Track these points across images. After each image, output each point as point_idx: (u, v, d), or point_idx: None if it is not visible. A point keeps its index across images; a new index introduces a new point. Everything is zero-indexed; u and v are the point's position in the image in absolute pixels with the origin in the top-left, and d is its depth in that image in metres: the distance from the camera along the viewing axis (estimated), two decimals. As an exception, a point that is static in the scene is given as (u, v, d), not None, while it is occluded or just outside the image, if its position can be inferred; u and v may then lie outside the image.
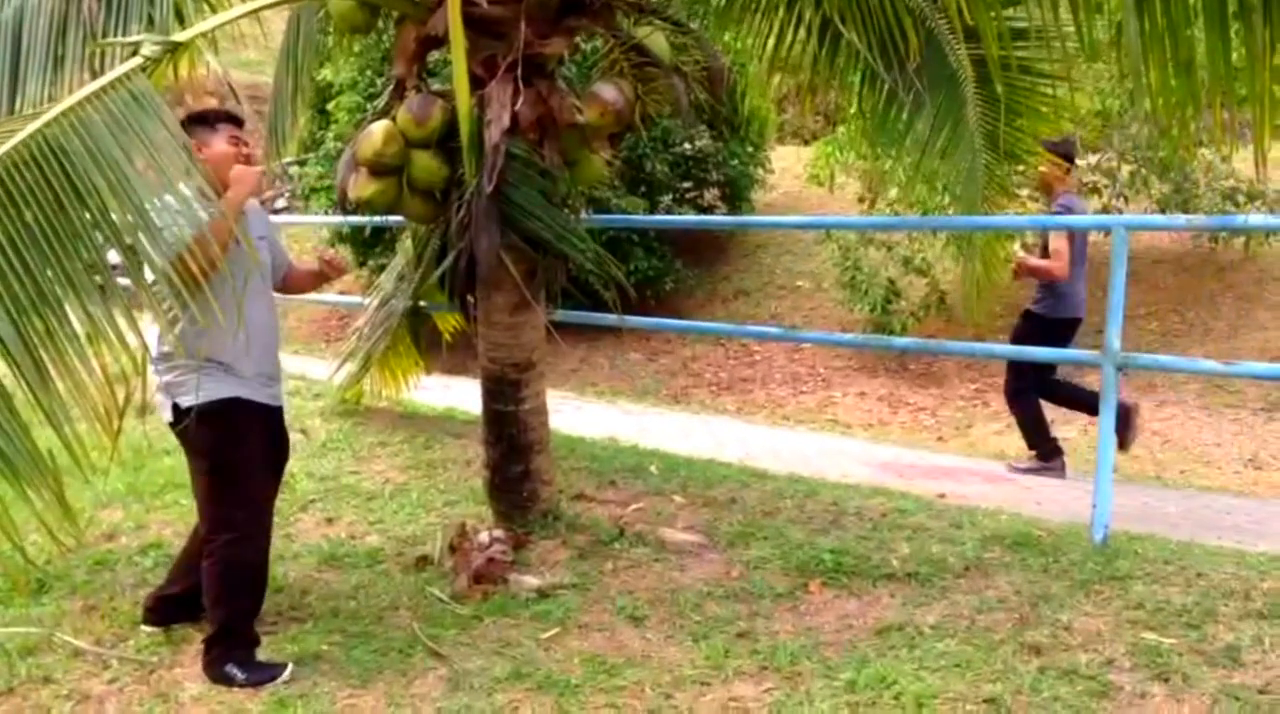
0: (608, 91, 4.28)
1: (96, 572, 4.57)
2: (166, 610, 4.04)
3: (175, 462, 5.96)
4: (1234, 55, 2.85)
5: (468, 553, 4.44)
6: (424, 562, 4.56)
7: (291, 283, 4.24)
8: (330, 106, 12.58)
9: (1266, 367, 5.81)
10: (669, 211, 12.25)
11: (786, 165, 14.78)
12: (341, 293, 11.37)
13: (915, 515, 4.78)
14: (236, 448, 3.70)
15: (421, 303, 6.39)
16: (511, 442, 4.64)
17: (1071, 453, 8.59)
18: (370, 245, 11.96)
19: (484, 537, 4.52)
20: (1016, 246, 7.50)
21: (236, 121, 3.79)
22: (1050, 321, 6.75)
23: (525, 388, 4.59)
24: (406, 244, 5.97)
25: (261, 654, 3.74)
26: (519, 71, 4.25)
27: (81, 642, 3.91)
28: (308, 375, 7.76)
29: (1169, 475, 7.95)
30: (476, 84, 4.29)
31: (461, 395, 7.93)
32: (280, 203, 17.85)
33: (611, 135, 4.70)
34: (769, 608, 4.05)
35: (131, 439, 6.26)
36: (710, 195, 13.59)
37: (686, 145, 12.90)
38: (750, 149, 13.69)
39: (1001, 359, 9.33)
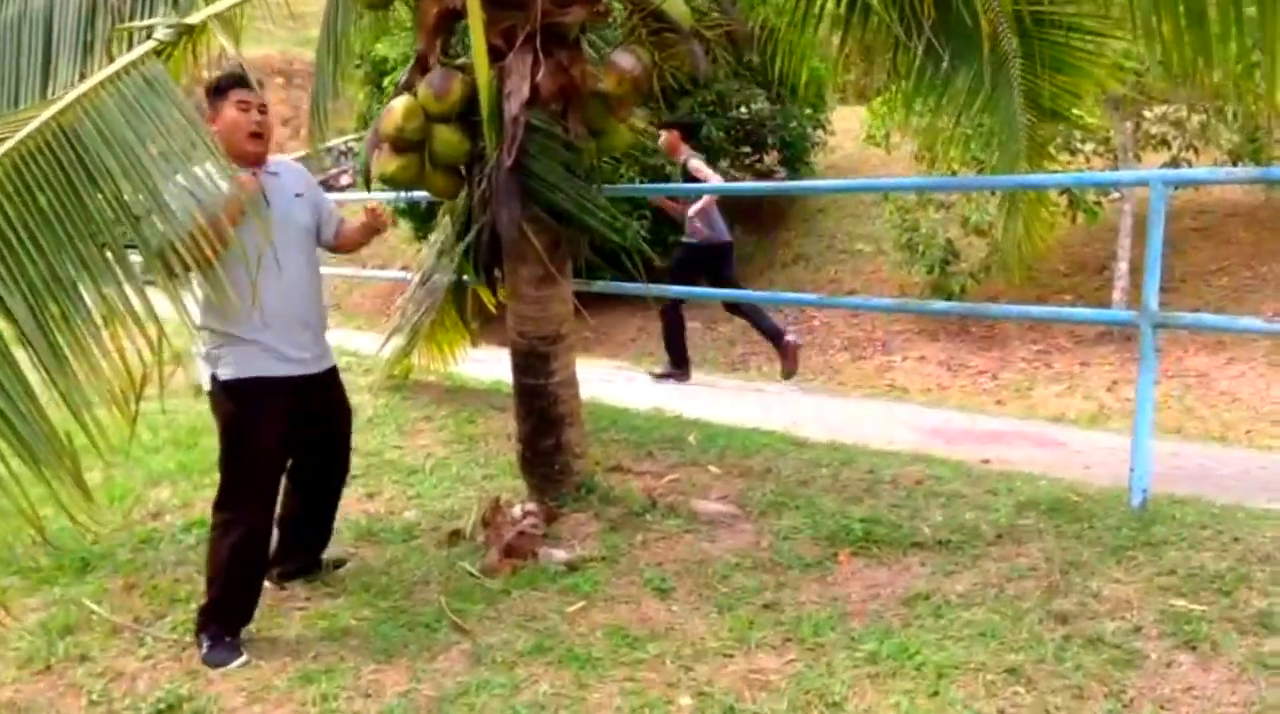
0: (625, 59, 4.23)
1: (140, 550, 4.67)
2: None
3: (212, 444, 6.09)
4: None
5: (499, 527, 4.46)
6: (457, 536, 4.59)
7: (343, 240, 4.19)
8: (386, 82, 12.65)
9: None
10: (727, 176, 12.15)
11: (848, 126, 14.56)
12: (404, 268, 11.48)
13: (951, 482, 4.70)
14: (248, 430, 3.75)
15: (464, 277, 6.42)
16: (542, 415, 4.64)
17: (1131, 414, 8.42)
18: (427, 218, 12.02)
19: (516, 511, 4.54)
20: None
21: (246, 85, 3.77)
22: (701, 247, 8.41)
23: (554, 361, 4.58)
24: (446, 220, 5.99)
25: (286, 629, 3.84)
26: (538, 42, 4.22)
27: (120, 618, 4.00)
28: (360, 351, 7.84)
29: (1233, 435, 7.74)
30: (497, 56, 4.26)
31: (506, 368, 7.98)
32: (345, 179, 18.04)
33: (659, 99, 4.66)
34: (797, 578, 4.02)
35: (187, 417, 6.43)
36: (770, 159, 13.47)
37: (743, 109, 12.79)
38: (809, 111, 13.52)
39: (1039, 321, 9.23)
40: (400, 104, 4.25)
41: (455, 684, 3.44)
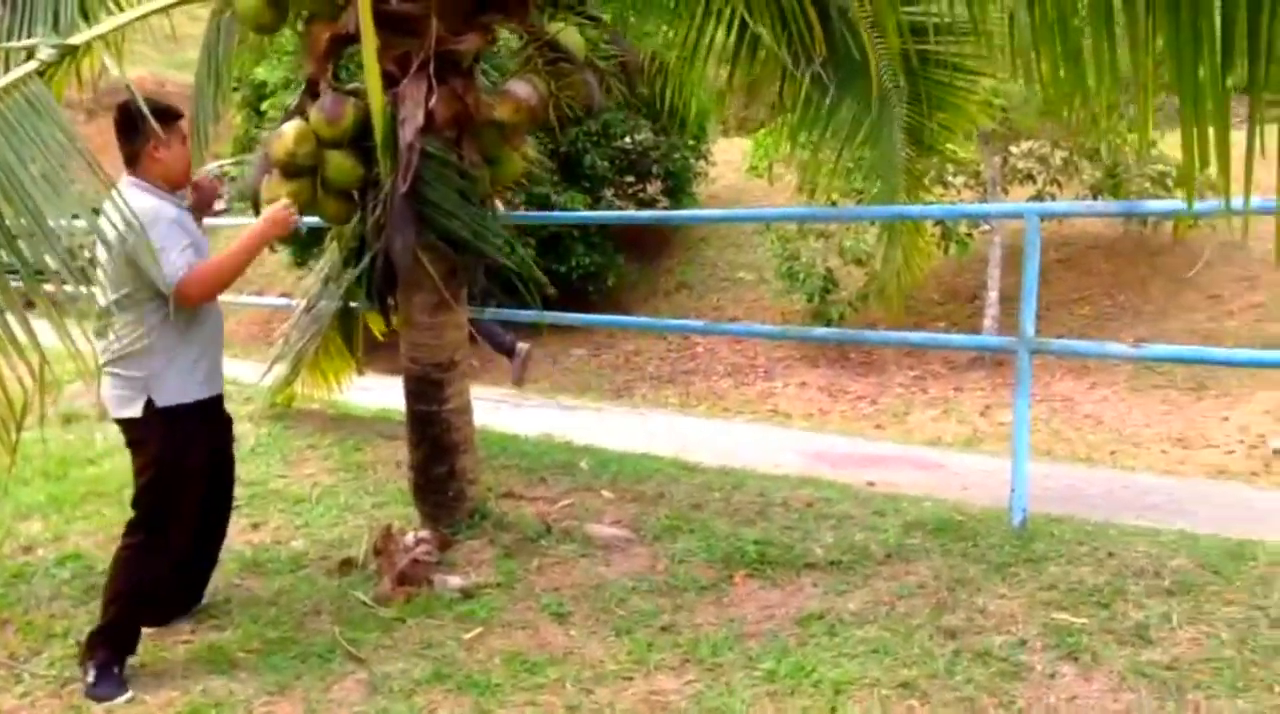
0: (520, 88, 4.26)
1: (12, 585, 4.49)
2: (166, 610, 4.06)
3: (99, 471, 5.91)
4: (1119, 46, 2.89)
5: (392, 555, 4.41)
6: (348, 565, 4.53)
7: None
8: (265, 106, 12.46)
9: (1173, 349, 5.91)
10: (610, 206, 12.26)
11: (729, 158, 14.83)
12: (283, 295, 11.28)
13: (840, 504, 4.82)
14: (184, 455, 3.71)
15: (352, 303, 6.35)
16: (436, 442, 4.61)
17: (1005, 438, 8.72)
18: (308, 246, 11.86)
19: (409, 538, 4.50)
20: None
21: (181, 116, 3.82)
22: None
23: (448, 387, 4.56)
24: (334, 245, 5.92)
25: (172, 662, 3.76)
26: (432, 69, 4.22)
27: (-6, 656, 3.85)
28: (239, 379, 7.66)
29: (1098, 456, 8.07)
30: (390, 82, 4.25)
31: (394, 396, 7.89)
32: (219, 205, 17.66)
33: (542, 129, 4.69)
34: (693, 600, 4.06)
35: (56, 446, 6.22)
36: (652, 189, 13.62)
37: (627, 139, 12.92)
38: (692, 142, 13.73)
39: (919, 347, 9.47)
40: (291, 129, 4.20)
41: (352, 714, 3.40)
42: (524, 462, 5.64)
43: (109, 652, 3.65)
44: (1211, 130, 2.75)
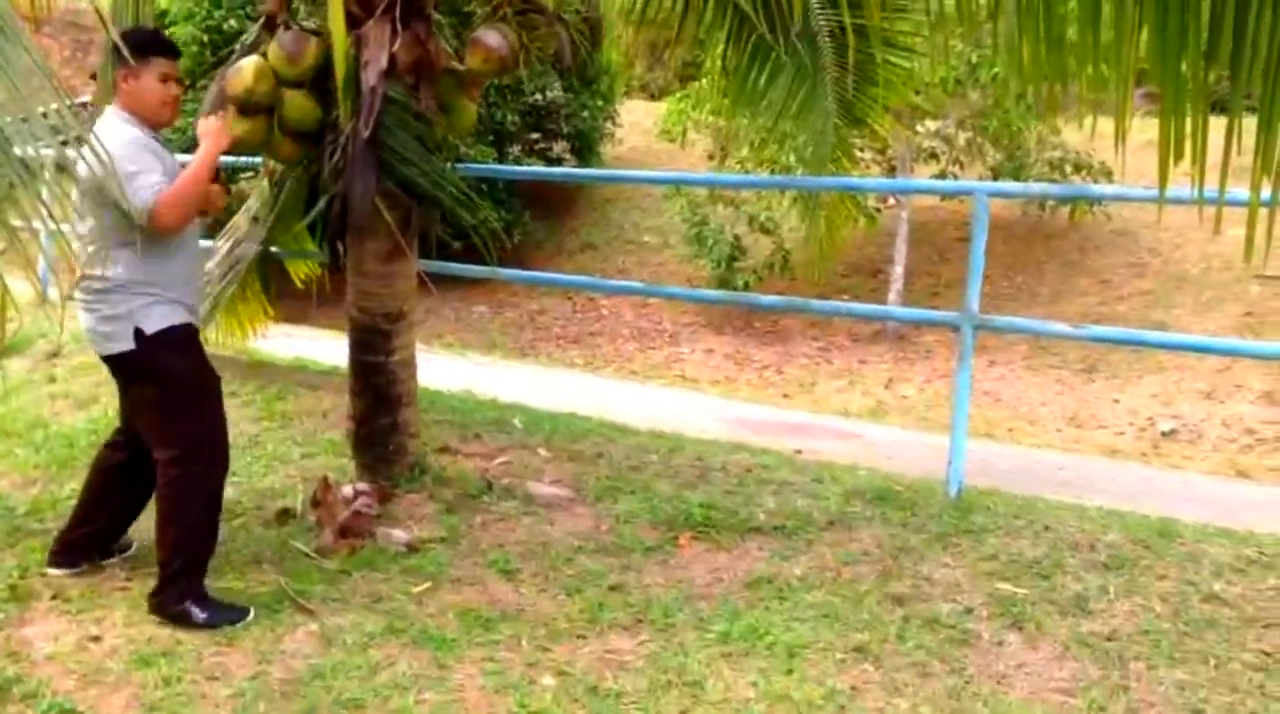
0: (491, 37, 4.19)
1: (-72, 524, 4.30)
2: (76, 552, 3.93)
3: (5, 409, 5.68)
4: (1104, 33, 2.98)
5: (332, 506, 4.34)
6: (286, 516, 4.44)
7: None
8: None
9: (1112, 330, 6.12)
10: (517, 162, 12.14)
11: (635, 119, 14.82)
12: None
13: (778, 471, 4.89)
14: (201, 372, 3.68)
15: (272, 248, 6.18)
16: (379, 393, 4.54)
17: (908, 411, 8.97)
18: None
19: (348, 490, 4.43)
20: None
21: (172, 53, 3.66)
22: None
23: (396, 338, 4.50)
24: (263, 184, 5.74)
25: (111, 610, 3.66)
26: (397, 12, 4.13)
27: (-82, 601, 3.69)
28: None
29: (997, 433, 8.34)
30: (352, 23, 4.13)
31: (306, 345, 7.73)
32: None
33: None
34: (640, 561, 4.09)
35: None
36: (559, 147, 13.53)
37: (537, 96, 12.80)
38: (600, 102, 13.67)
39: (860, 318, 9.58)
40: (250, 65, 4.06)
41: (307, 666, 3.35)
42: (455, 417, 5.59)
43: (197, 585, 3.64)
44: (1189, 122, 2.85)
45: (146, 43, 3.60)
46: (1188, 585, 3.69)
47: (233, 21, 11.67)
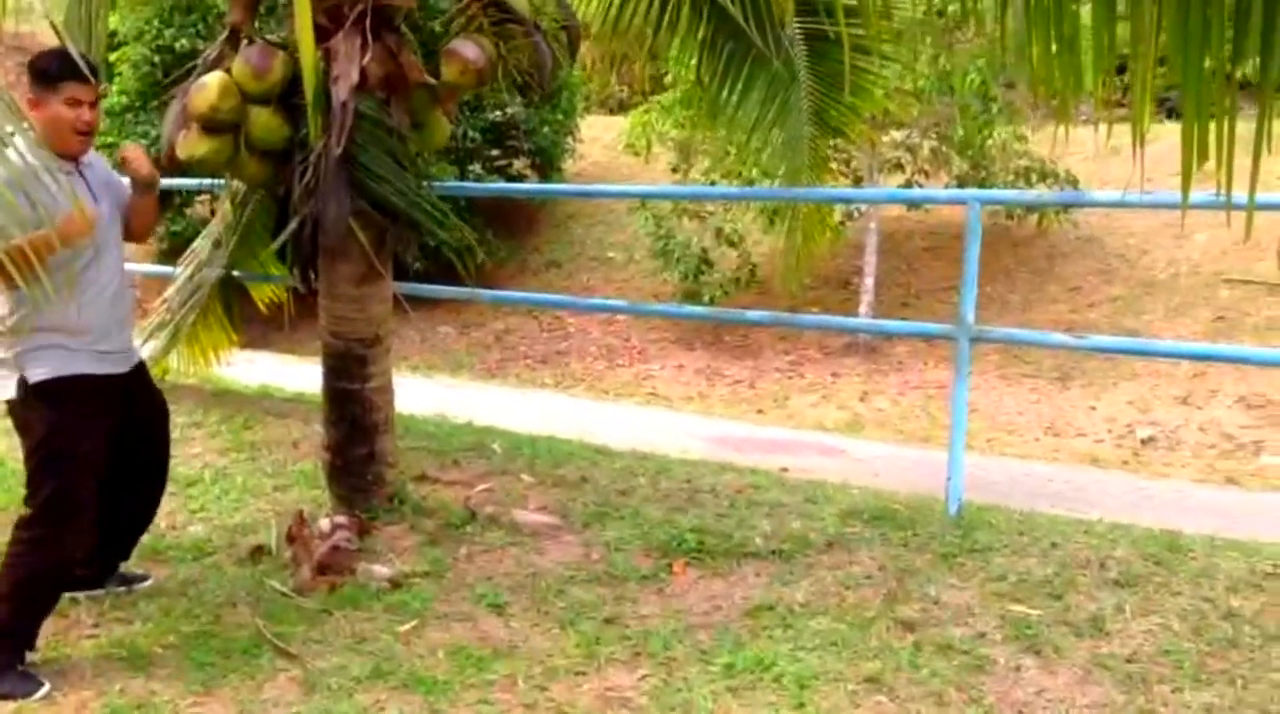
0: (468, 49, 4.02)
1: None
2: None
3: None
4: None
5: (308, 541, 4.14)
6: (259, 552, 4.23)
7: (135, 221, 3.71)
8: (114, 58, 11.72)
9: (1114, 340, 6.05)
10: (479, 180, 11.96)
11: (596, 134, 14.68)
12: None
13: (769, 491, 4.75)
14: (69, 436, 3.34)
15: (235, 272, 5.98)
16: (355, 421, 4.35)
17: (885, 424, 8.87)
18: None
19: (325, 524, 4.24)
20: None
21: (84, 77, 3.28)
22: None
23: (372, 364, 4.31)
24: (225, 207, 5.55)
25: (78, 659, 3.44)
26: (368, 23, 3.96)
27: None
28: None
29: (977, 444, 8.23)
30: (321, 36, 3.95)
31: (270, 372, 7.52)
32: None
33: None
34: (634, 591, 3.93)
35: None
36: (520, 164, 13.36)
37: (498, 112, 12.63)
38: (561, 117, 13.51)
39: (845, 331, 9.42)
40: (215, 80, 3.87)
41: (292, 715, 3.15)
42: (431, 443, 5.40)
43: (7, 654, 3.31)
44: (1213, 125, 2.73)
45: (51, 68, 3.28)
46: (1205, 602, 3.57)
47: (184, 40, 11.43)
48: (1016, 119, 11.00)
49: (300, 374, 7.35)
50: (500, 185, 11.08)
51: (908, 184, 11.38)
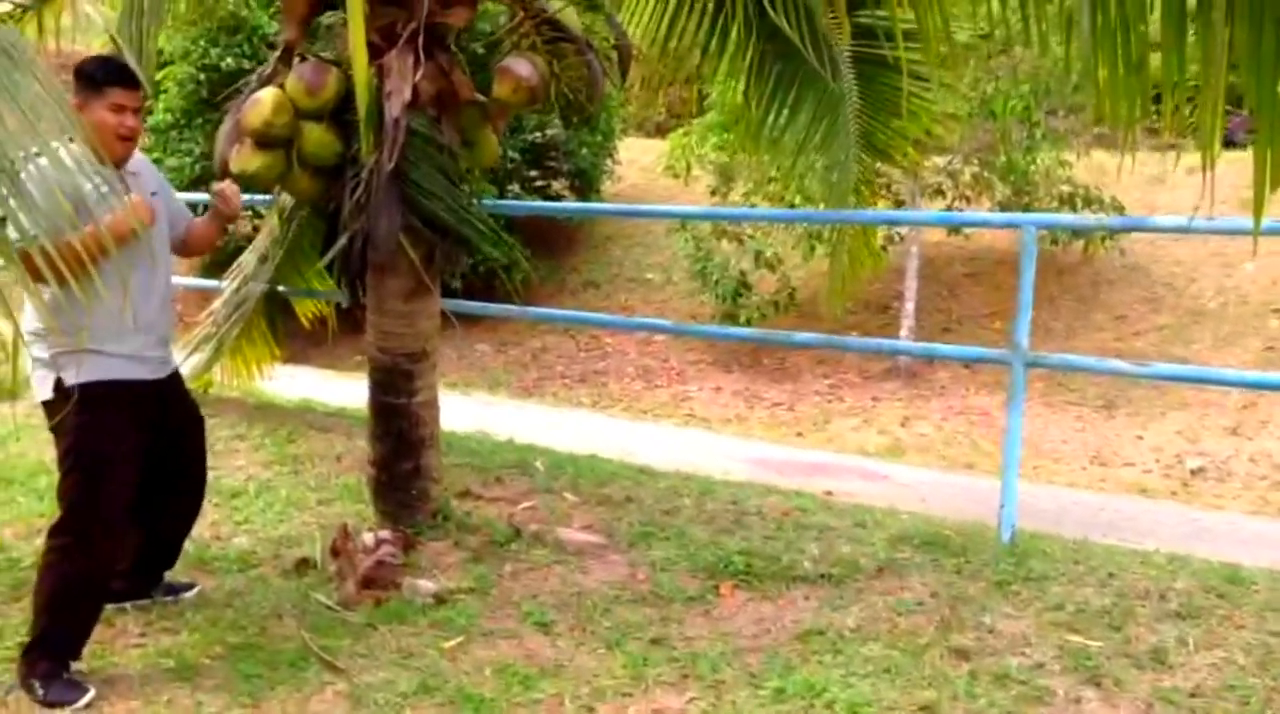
0: (521, 67, 4.02)
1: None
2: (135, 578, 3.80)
3: (4, 455, 5.47)
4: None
5: (353, 555, 4.13)
6: (304, 565, 4.23)
7: (194, 238, 3.79)
8: (160, 76, 11.85)
9: (1175, 367, 5.93)
10: (517, 199, 12.00)
11: (634, 157, 14.71)
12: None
13: (816, 515, 4.70)
14: (103, 441, 3.33)
15: (280, 287, 6.01)
16: (401, 436, 4.34)
17: (927, 449, 8.78)
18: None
19: (369, 538, 4.22)
20: None
21: (130, 83, 3.32)
22: None
23: (419, 379, 4.30)
24: (272, 222, 5.58)
25: (125, 668, 3.43)
26: (420, 41, 3.97)
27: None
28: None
29: (1022, 471, 8.11)
30: (374, 53, 3.97)
31: (311, 386, 7.55)
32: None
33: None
34: (681, 612, 3.88)
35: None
36: (558, 185, 13.40)
37: (537, 133, 12.68)
38: (600, 139, 13.55)
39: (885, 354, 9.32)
40: (269, 96, 3.89)
41: (338, 730, 3.13)
42: (474, 460, 5.39)
43: (50, 663, 3.30)
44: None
45: (98, 72, 3.31)
46: (1271, 637, 3.48)
47: (229, 60, 11.54)
48: (1060, 144, 10.92)
49: (341, 389, 7.38)
50: (542, 203, 11.12)
51: (949, 209, 11.32)
